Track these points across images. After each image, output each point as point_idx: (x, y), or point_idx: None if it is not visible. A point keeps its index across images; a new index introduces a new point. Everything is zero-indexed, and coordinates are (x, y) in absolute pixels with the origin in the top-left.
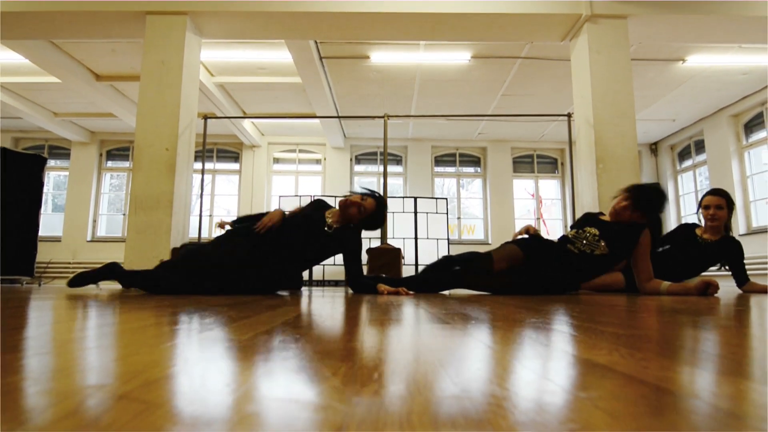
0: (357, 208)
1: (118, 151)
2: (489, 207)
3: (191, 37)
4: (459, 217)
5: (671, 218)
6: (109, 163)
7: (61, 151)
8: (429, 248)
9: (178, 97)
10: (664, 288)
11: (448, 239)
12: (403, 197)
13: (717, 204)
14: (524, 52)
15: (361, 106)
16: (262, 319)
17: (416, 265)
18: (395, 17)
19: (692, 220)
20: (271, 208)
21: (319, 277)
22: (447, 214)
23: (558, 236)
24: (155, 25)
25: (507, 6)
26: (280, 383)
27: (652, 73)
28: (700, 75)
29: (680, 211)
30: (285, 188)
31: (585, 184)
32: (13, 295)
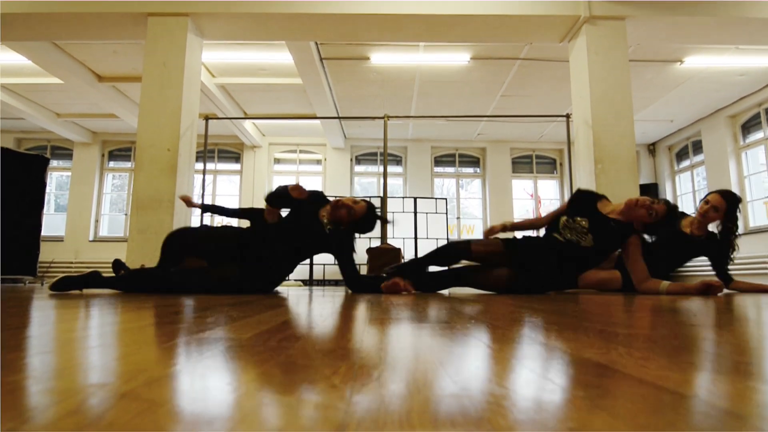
0: (347, 210)
1: (120, 152)
2: (488, 207)
3: (192, 38)
4: (458, 217)
5: None
6: (111, 164)
7: (64, 152)
8: (429, 248)
9: (180, 98)
10: (664, 288)
11: (448, 239)
12: (403, 197)
13: (716, 205)
14: (523, 53)
15: (362, 106)
16: (263, 319)
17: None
18: (395, 19)
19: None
20: None
21: (319, 277)
22: (446, 214)
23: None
24: (157, 27)
25: (506, 7)
26: (281, 382)
27: (650, 74)
28: (698, 76)
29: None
30: None
31: (583, 184)
32: (15, 294)
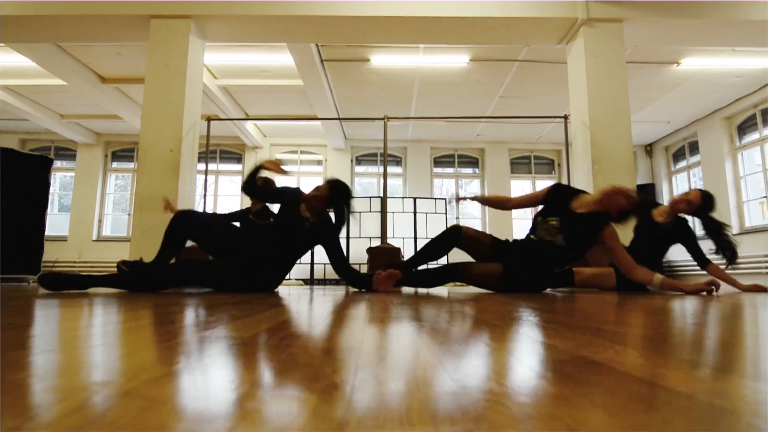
0: (316, 199)
1: (123, 153)
2: (487, 207)
3: (195, 40)
4: (458, 218)
5: None
6: (115, 164)
7: (67, 153)
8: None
9: (182, 100)
10: (657, 281)
11: None
12: (403, 197)
13: (692, 200)
14: (522, 55)
15: (362, 108)
16: (264, 317)
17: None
18: (395, 21)
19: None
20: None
21: (320, 276)
22: (446, 214)
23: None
24: (159, 29)
25: (505, 10)
26: (282, 380)
27: (647, 75)
28: (695, 78)
29: None
30: None
31: (581, 185)
32: (19, 293)
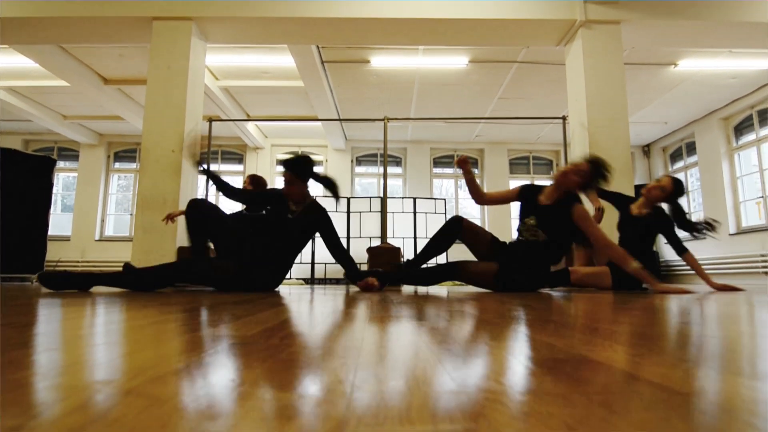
0: (288, 187)
1: (125, 153)
2: (486, 207)
3: (196, 42)
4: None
5: None
6: (117, 165)
7: (70, 153)
8: None
9: (184, 100)
10: (632, 268)
11: None
12: (403, 198)
13: (666, 185)
14: (520, 56)
15: (362, 109)
16: (266, 317)
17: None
18: (395, 23)
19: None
20: None
21: (320, 275)
22: (445, 214)
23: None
24: (161, 31)
25: (504, 11)
26: (283, 379)
27: (644, 77)
28: (692, 79)
29: None
30: None
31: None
32: (23, 292)
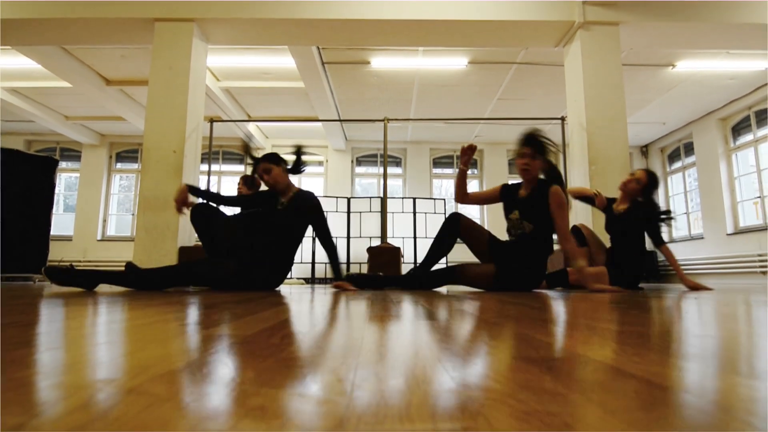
0: (268, 177)
1: (127, 154)
2: (485, 207)
3: (198, 43)
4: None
5: None
6: (119, 165)
7: (72, 154)
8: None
9: (185, 101)
10: (578, 266)
11: None
12: (403, 198)
13: (639, 178)
14: (519, 57)
15: (362, 109)
16: (266, 316)
17: (415, 264)
18: (394, 24)
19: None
20: None
21: (321, 275)
22: (445, 214)
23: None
24: (163, 32)
25: (503, 13)
26: (284, 377)
27: (643, 77)
28: (689, 80)
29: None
30: None
31: (578, 185)
32: (25, 292)
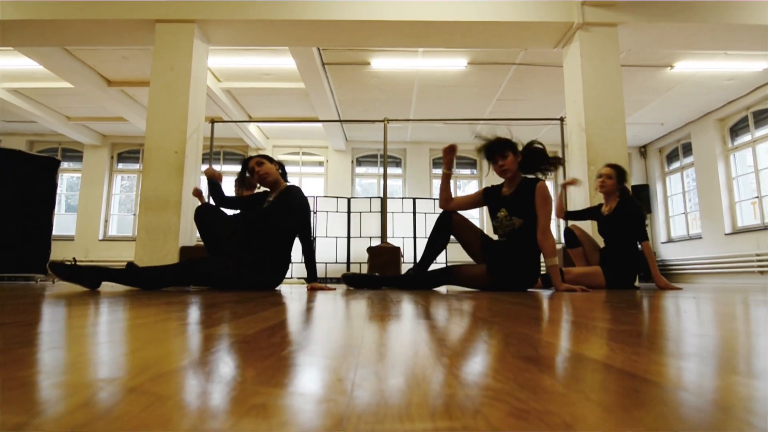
0: (259, 170)
1: (128, 154)
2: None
3: (199, 44)
4: None
5: (659, 218)
6: (120, 165)
7: (74, 154)
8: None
9: (186, 102)
10: (549, 263)
11: None
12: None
13: (608, 174)
14: (518, 58)
15: (362, 110)
16: (267, 315)
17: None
18: (394, 25)
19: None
20: None
21: (321, 275)
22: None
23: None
24: (164, 33)
25: (502, 14)
26: (284, 376)
27: (641, 78)
28: (688, 81)
29: (668, 211)
30: None
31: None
32: (27, 292)
